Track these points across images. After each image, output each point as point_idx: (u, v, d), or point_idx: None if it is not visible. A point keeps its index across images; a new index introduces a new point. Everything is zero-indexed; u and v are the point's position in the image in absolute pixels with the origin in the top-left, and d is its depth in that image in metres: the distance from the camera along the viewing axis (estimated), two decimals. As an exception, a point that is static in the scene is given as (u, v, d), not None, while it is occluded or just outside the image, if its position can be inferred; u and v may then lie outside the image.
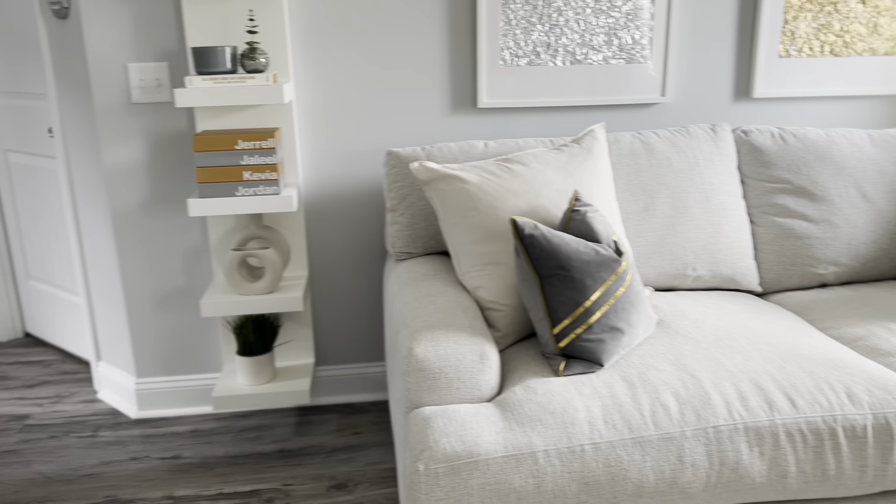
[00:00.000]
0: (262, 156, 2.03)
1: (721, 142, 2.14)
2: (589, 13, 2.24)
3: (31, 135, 2.72)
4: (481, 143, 2.10)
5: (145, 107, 2.20)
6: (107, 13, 2.11)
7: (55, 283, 2.92)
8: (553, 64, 2.28)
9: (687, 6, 2.29)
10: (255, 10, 2.11)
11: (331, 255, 2.40)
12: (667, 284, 2.04)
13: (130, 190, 2.26)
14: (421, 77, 2.27)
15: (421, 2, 2.20)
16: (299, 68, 2.23)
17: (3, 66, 2.73)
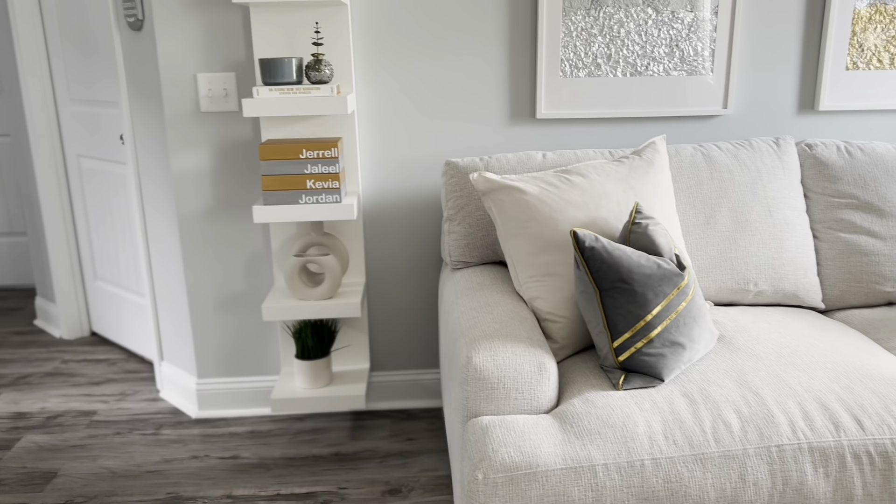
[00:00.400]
0: (325, 165, 2.08)
1: (785, 155, 2.10)
2: (651, 24, 2.23)
3: (103, 141, 2.83)
4: (540, 154, 2.11)
5: (213, 115, 2.27)
6: (179, 25, 2.19)
7: (121, 285, 3.02)
8: (613, 75, 2.28)
9: (751, 18, 2.26)
10: (321, 22, 2.16)
11: (388, 262, 2.43)
12: (727, 299, 2.01)
13: (196, 195, 2.34)
14: (480, 87, 2.29)
15: (482, 13, 2.23)
16: (361, 78, 2.27)
17: (79, 75, 2.84)
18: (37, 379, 2.84)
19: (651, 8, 2.22)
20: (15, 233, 3.96)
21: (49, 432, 2.42)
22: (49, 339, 3.25)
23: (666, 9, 2.22)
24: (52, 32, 2.89)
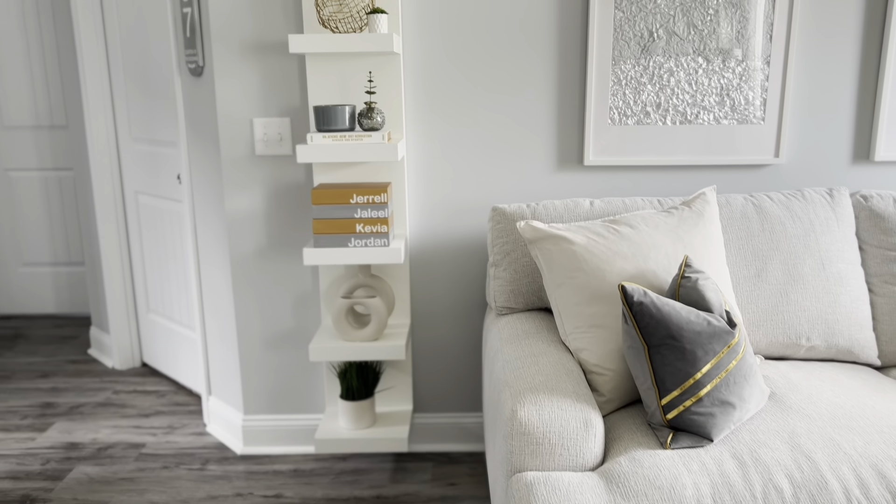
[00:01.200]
0: (375, 209, 2.11)
1: (839, 207, 2.07)
2: (701, 74, 2.23)
3: (161, 179, 2.93)
4: (587, 202, 2.11)
5: (267, 159, 2.34)
6: (237, 72, 2.27)
7: (173, 318, 3.10)
8: (662, 123, 2.28)
9: (804, 66, 2.25)
10: (374, 71, 2.21)
11: (433, 305, 2.45)
12: (778, 353, 1.97)
13: (248, 235, 2.40)
14: (528, 133, 2.31)
15: (531, 62, 2.26)
16: (411, 124, 2.31)
17: (140, 115, 2.96)
18: (89, 409, 2.91)
19: (702, 57, 2.22)
20: (73, 262, 4.10)
21: (99, 464, 2.47)
22: (102, 369, 3.34)
23: (717, 58, 2.22)
24: (117, 75, 3.02)
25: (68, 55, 3.17)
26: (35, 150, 3.94)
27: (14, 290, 4.14)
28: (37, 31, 3.79)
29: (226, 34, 2.24)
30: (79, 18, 2.96)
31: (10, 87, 3.86)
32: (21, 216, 4.03)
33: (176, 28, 2.45)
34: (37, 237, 4.05)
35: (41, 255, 4.08)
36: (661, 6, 2.19)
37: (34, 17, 3.77)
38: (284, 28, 2.24)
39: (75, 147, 3.32)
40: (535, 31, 2.24)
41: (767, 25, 2.20)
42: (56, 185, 3.99)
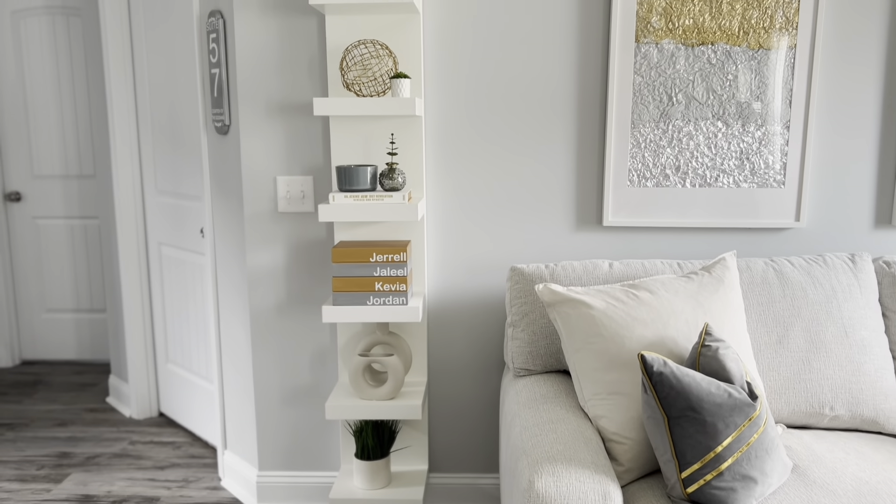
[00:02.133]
0: (394, 268, 2.13)
1: (861, 273, 2.05)
2: (720, 137, 2.25)
3: (185, 231, 2.97)
4: (606, 264, 2.11)
5: (289, 216, 2.37)
6: (262, 131, 2.32)
7: (191, 369, 3.11)
8: (682, 186, 2.28)
9: (824, 131, 2.25)
10: (396, 131, 2.25)
11: (450, 363, 2.44)
12: (801, 422, 1.94)
13: (269, 290, 2.42)
14: (547, 193, 2.33)
15: (550, 125, 2.28)
16: (432, 183, 2.34)
17: (166, 168, 3.02)
18: (105, 460, 2.91)
19: (721, 122, 2.24)
20: (95, 310, 4.14)
21: (113, 517, 2.46)
22: (119, 419, 3.35)
23: (736, 123, 2.23)
24: (145, 129, 3.09)
25: (99, 108, 3.26)
26: (62, 199, 4.03)
27: (37, 336, 4.18)
28: (69, 84, 3.90)
29: (252, 94, 2.30)
30: (111, 74, 3.05)
31: (42, 138, 3.96)
32: (46, 263, 4.10)
33: (204, 88, 2.52)
34: (61, 284, 4.11)
35: (64, 301, 4.13)
36: (680, 71, 2.22)
37: (68, 70, 3.89)
38: (310, 89, 2.29)
39: (102, 196, 3.39)
40: (555, 94, 2.27)
41: (787, 91, 2.21)
42: (82, 233, 4.06)
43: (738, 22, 2.19)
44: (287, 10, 2.25)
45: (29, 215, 4.05)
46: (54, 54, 3.87)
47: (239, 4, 2.26)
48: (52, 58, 3.88)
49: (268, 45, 2.27)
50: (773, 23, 2.18)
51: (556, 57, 2.25)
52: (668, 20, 2.20)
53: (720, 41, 2.20)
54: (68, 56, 3.88)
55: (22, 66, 3.90)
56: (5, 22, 3.86)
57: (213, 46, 2.38)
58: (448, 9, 2.25)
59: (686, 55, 2.21)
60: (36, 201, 4.04)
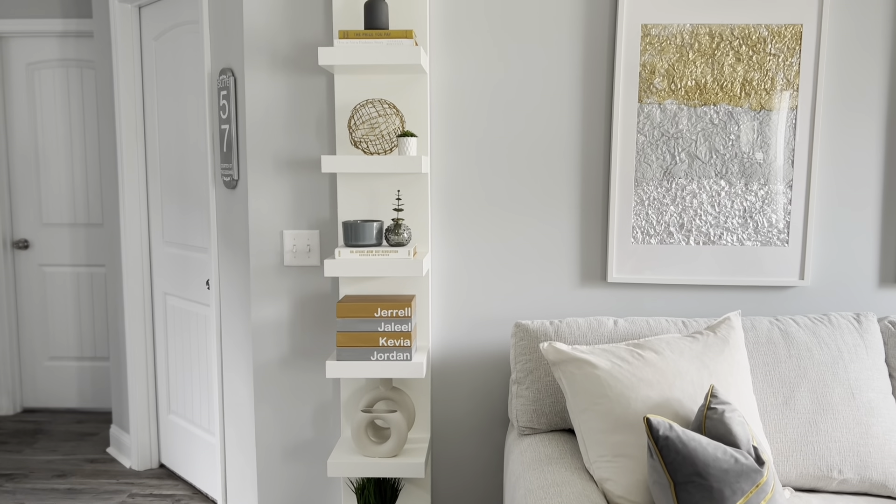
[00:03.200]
0: (398, 324, 2.13)
1: (867, 333, 2.04)
2: (723, 196, 2.27)
3: (190, 282, 2.99)
4: (611, 321, 2.11)
5: (295, 269, 2.38)
6: (270, 186, 2.35)
7: (193, 421, 3.09)
8: (686, 243, 2.30)
9: (826, 190, 2.27)
10: (402, 188, 2.27)
11: (454, 419, 2.42)
12: (809, 485, 1.91)
13: (272, 344, 2.41)
14: (552, 249, 2.34)
15: (555, 179, 2.31)
16: (437, 238, 2.36)
17: (174, 220, 3.05)
18: (103, 513, 2.87)
19: (724, 180, 2.26)
20: (98, 358, 4.13)
21: (110, 574, 2.42)
22: (119, 470, 3.31)
23: (739, 181, 2.26)
24: (154, 180, 3.13)
25: (109, 158, 3.30)
26: (70, 247, 4.05)
27: (39, 384, 4.17)
28: (81, 133, 3.96)
29: (261, 150, 2.33)
30: (122, 125, 3.11)
31: (52, 187, 4.01)
32: (51, 310, 4.10)
33: (214, 143, 2.56)
34: (65, 331, 4.11)
35: (68, 349, 4.13)
36: (683, 131, 2.25)
37: (80, 121, 3.95)
38: (317, 145, 2.33)
39: (109, 245, 3.42)
40: (559, 152, 2.30)
41: (789, 151, 2.24)
42: (88, 281, 4.08)
43: (739, 83, 2.23)
44: (297, 70, 2.30)
45: (36, 263, 4.08)
46: (67, 105, 3.95)
47: (250, 63, 2.31)
48: (64, 108, 3.95)
49: (277, 102, 2.32)
50: (775, 84, 2.22)
51: (560, 116, 2.29)
52: (670, 81, 2.24)
53: (722, 102, 2.24)
54: (80, 107, 3.95)
55: (35, 116, 3.97)
56: (20, 73, 3.94)
57: (224, 103, 2.43)
58: (454, 69, 2.29)
59: (688, 115, 2.25)
60: (43, 249, 4.07)
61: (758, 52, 2.21)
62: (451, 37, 2.28)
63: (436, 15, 2.28)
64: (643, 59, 2.23)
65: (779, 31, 2.20)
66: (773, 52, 2.21)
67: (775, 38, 2.21)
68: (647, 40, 2.23)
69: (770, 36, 2.21)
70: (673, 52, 2.23)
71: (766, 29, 2.20)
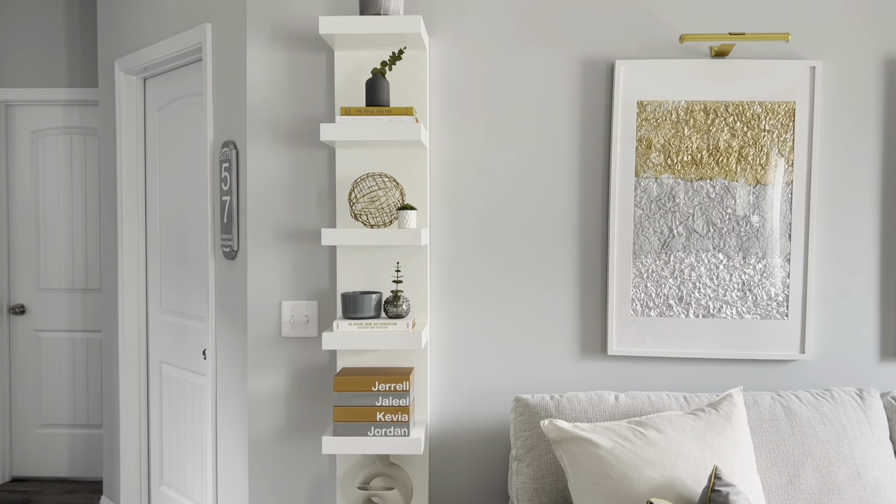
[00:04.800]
0: (396, 398, 2.11)
1: (870, 410, 2.02)
2: (722, 269, 2.27)
3: (186, 351, 2.96)
4: (612, 396, 2.09)
5: (292, 340, 2.37)
6: (269, 257, 2.35)
7: (186, 493, 3.02)
8: (685, 316, 2.29)
9: (824, 264, 2.28)
10: (402, 259, 2.28)
11: (452, 496, 2.37)
12: (818, 569, 1.86)
13: (268, 417, 2.38)
14: (551, 321, 2.33)
15: (554, 251, 2.32)
16: (436, 310, 2.35)
17: (172, 288, 3.04)
18: (90, 591, 2.78)
19: (722, 253, 2.27)
20: (91, 425, 4.07)
21: None
22: (107, 544, 3.22)
23: (737, 255, 2.27)
24: (153, 247, 3.14)
25: (109, 225, 3.32)
26: (67, 312, 4.04)
27: (30, 452, 4.09)
28: (82, 199, 3.99)
29: (261, 221, 2.35)
30: (123, 193, 3.13)
31: (51, 252, 4.02)
32: (46, 376, 4.06)
33: (214, 213, 2.57)
34: (58, 398, 4.06)
35: (60, 416, 4.06)
36: (680, 205, 2.27)
37: (81, 187, 3.99)
38: (318, 217, 2.34)
39: (106, 309, 3.40)
40: (557, 225, 2.32)
41: (785, 225, 2.26)
42: (83, 346, 4.05)
43: (734, 158, 2.26)
44: (298, 143, 2.33)
45: (31, 328, 4.05)
46: (69, 171, 3.99)
47: (252, 136, 2.34)
48: (66, 174, 3.99)
49: (278, 174, 2.34)
50: (770, 159, 2.25)
51: (558, 189, 2.31)
52: (666, 156, 2.27)
53: (718, 176, 2.26)
54: (83, 173, 3.99)
55: (37, 182, 4.00)
56: (24, 140, 4.00)
57: (226, 175, 2.45)
58: (454, 143, 2.33)
59: (685, 189, 2.27)
60: (40, 314, 4.05)
61: (752, 128, 2.25)
62: (450, 112, 2.33)
63: (436, 90, 2.33)
64: (639, 134, 2.27)
65: (772, 108, 2.25)
66: (767, 128, 2.25)
67: (769, 114, 2.25)
68: (643, 116, 2.27)
69: (764, 112, 2.25)
70: (668, 127, 2.27)
71: (760, 106, 2.25)
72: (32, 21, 3.88)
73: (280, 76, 2.33)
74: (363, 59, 2.27)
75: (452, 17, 2.31)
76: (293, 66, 2.33)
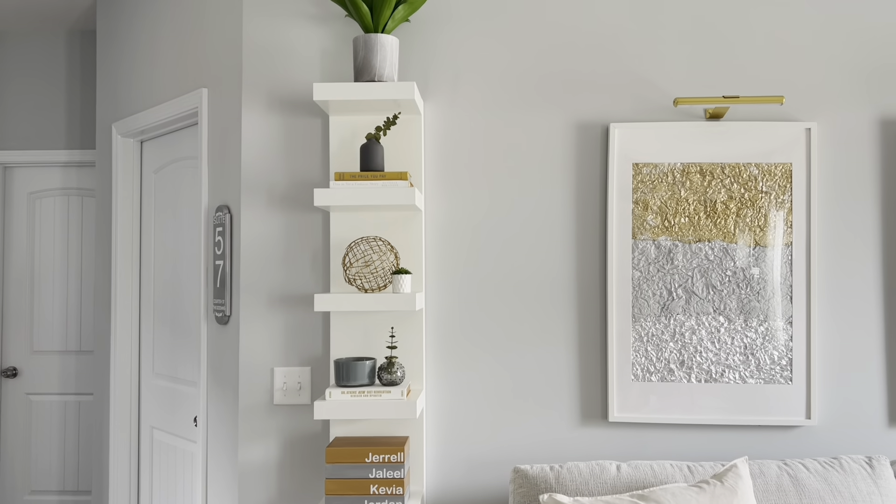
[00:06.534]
0: (391, 469, 2.04)
1: (880, 479, 1.95)
2: (723, 332, 2.23)
3: (178, 417, 2.89)
4: (613, 466, 2.02)
5: (285, 408, 2.31)
6: (262, 322, 2.31)
7: (174, 566, 2.91)
8: (687, 381, 2.24)
9: (827, 326, 2.23)
10: (396, 324, 2.24)
11: (450, 569, 2.28)
12: None
13: (260, 488, 2.30)
14: (551, 387, 2.28)
15: (552, 315, 2.28)
16: (432, 376, 2.30)
17: (165, 352, 2.99)
18: None
19: (723, 316, 2.23)
20: (81, 491, 3.96)
21: None
22: None
23: (738, 318, 2.22)
24: (147, 311, 3.10)
25: (104, 287, 3.29)
26: (59, 375, 3.97)
27: (16, 519, 3.98)
28: (77, 261, 3.97)
29: (255, 286, 2.31)
30: (117, 256, 3.11)
31: (45, 314, 3.97)
32: (36, 440, 3.97)
33: (207, 278, 2.54)
34: (48, 463, 3.96)
35: (50, 482, 3.96)
36: (679, 267, 2.24)
37: (77, 249, 3.97)
38: (312, 281, 2.31)
39: (98, 372, 3.34)
40: (555, 289, 2.28)
41: (786, 287, 2.22)
42: (75, 409, 3.97)
43: (732, 220, 2.24)
44: (293, 207, 2.32)
45: (23, 391, 3.98)
46: (66, 232, 3.97)
47: (246, 200, 2.33)
48: (63, 235, 3.97)
49: (272, 238, 2.32)
50: (768, 221, 2.23)
51: (555, 252, 2.28)
52: (663, 218, 2.25)
53: (717, 238, 2.24)
54: (79, 234, 3.97)
55: (33, 243, 3.98)
56: (22, 202, 3.99)
57: (219, 239, 2.43)
58: (449, 205, 2.31)
59: (683, 251, 2.24)
60: (32, 377, 3.98)
61: (749, 190, 2.24)
62: (446, 175, 2.31)
63: (431, 154, 2.32)
64: (636, 196, 2.25)
65: (769, 169, 2.24)
66: (764, 189, 2.24)
67: (766, 176, 2.24)
68: (639, 178, 2.25)
69: (761, 174, 2.24)
70: (665, 189, 2.25)
71: (757, 167, 2.24)
72: (32, 83, 3.92)
73: (275, 140, 2.33)
74: (358, 123, 2.27)
75: (447, 82, 2.32)
76: (288, 131, 2.33)
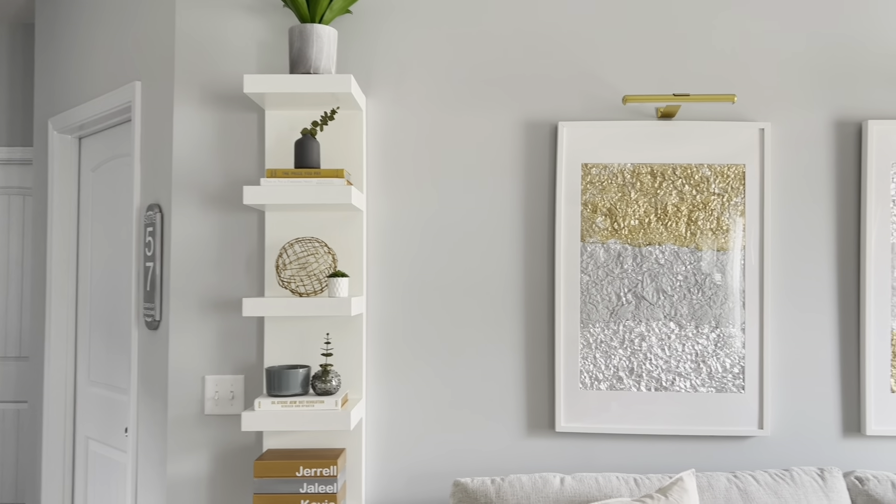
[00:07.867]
0: (323, 484, 1.93)
1: (832, 492, 1.88)
2: (674, 339, 2.15)
3: (113, 427, 2.75)
4: (557, 479, 1.93)
5: (216, 418, 2.19)
6: (193, 328, 2.19)
7: (106, 584, 2.77)
8: (636, 389, 2.15)
9: (781, 333, 2.16)
10: (333, 331, 2.13)
11: (390, 588, 2.17)
12: None
13: (189, 502, 2.18)
14: (496, 396, 2.18)
15: (498, 321, 2.18)
16: (373, 385, 2.19)
17: (101, 359, 2.85)
18: None
19: (673, 322, 2.15)
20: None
21: None
22: None
23: (689, 324, 2.15)
24: (83, 316, 2.96)
25: (39, 289, 3.13)
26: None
27: (-51, 534, 3.79)
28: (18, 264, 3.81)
29: (186, 290, 2.19)
30: (53, 258, 2.96)
31: (-17, 317, 3.81)
32: (-29, 450, 3.79)
33: (138, 281, 2.41)
34: (-16, 474, 3.79)
35: (-16, 494, 3.79)
36: (628, 271, 2.16)
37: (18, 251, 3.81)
38: (246, 285, 2.19)
39: (32, 380, 3.19)
40: (501, 293, 2.19)
41: (739, 292, 2.15)
42: (14, 418, 3.80)
43: (684, 223, 2.16)
44: (227, 206, 2.20)
45: (-42, 399, 3.81)
46: (6, 233, 3.81)
47: (178, 199, 2.21)
48: (3, 237, 3.81)
49: (205, 240, 2.20)
50: (720, 224, 2.16)
51: (502, 256, 2.19)
52: (612, 220, 2.17)
53: (668, 242, 2.16)
54: (20, 235, 3.81)
55: (-28, 245, 3.82)
56: (-39, 201, 3.83)
57: (150, 240, 2.31)
58: (393, 207, 2.21)
59: (633, 255, 2.16)
60: (-32, 384, 3.81)
61: (701, 192, 2.16)
62: (389, 174, 2.21)
63: (374, 152, 2.22)
64: (584, 197, 2.17)
65: (721, 171, 2.17)
66: (716, 191, 2.16)
67: (718, 177, 2.17)
68: (588, 179, 2.17)
69: (713, 175, 2.17)
70: (615, 190, 2.17)
71: (709, 168, 2.17)
72: (-28, 79, 3.76)
73: (208, 136, 2.21)
74: (296, 118, 2.17)
75: (391, 77, 2.22)
76: (223, 126, 2.21)
